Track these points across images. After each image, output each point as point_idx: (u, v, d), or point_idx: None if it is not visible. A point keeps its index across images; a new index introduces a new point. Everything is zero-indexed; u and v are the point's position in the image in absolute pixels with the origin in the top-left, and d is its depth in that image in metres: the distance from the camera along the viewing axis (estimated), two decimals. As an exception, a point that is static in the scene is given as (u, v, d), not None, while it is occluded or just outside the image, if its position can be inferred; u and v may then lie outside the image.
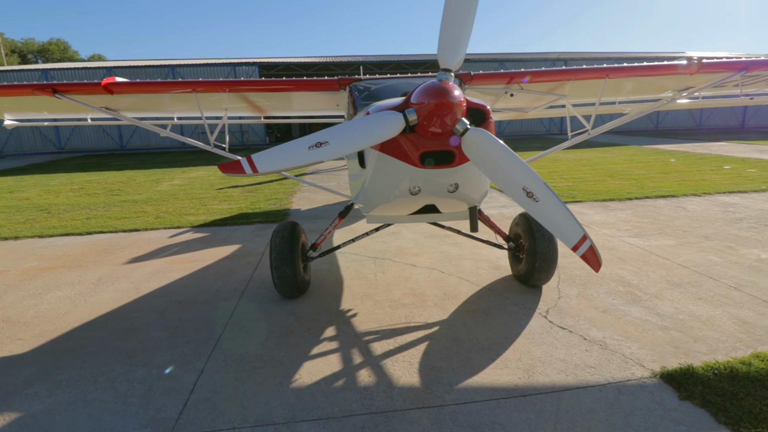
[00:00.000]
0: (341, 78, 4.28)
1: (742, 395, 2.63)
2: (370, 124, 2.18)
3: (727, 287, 4.28)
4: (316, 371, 3.06)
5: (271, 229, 6.87)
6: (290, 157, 2.31)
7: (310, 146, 2.25)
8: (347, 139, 2.20)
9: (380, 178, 2.65)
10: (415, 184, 2.60)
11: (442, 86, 2.05)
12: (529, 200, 2.26)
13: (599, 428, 2.45)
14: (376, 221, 3.66)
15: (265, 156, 2.37)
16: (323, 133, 2.31)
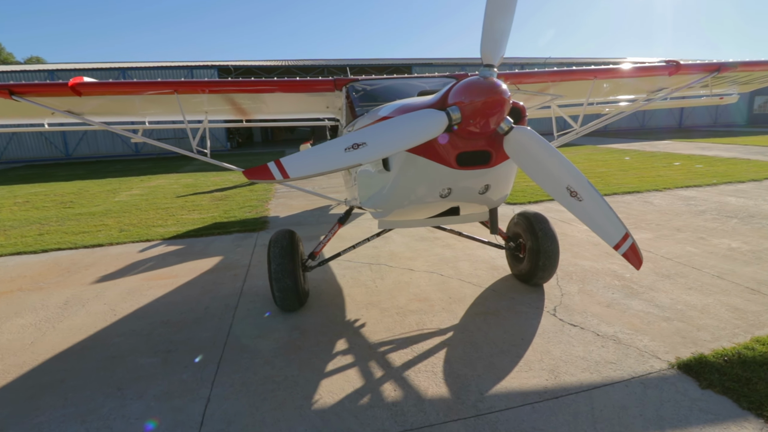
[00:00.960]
0: (337, 79, 4.11)
1: (756, 380, 2.74)
2: (412, 123, 2.06)
3: (711, 276, 4.52)
4: (336, 389, 2.87)
5: (252, 238, 6.57)
6: (324, 160, 2.13)
7: (346, 148, 2.09)
8: (388, 140, 2.05)
9: (409, 181, 2.52)
10: (448, 186, 2.50)
11: (492, 83, 1.97)
12: (573, 200, 2.23)
13: (636, 424, 2.45)
14: (388, 226, 3.52)
15: (296, 160, 2.17)
16: (359, 133, 2.15)
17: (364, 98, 4.02)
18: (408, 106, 2.36)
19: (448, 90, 2.16)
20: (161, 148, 23.57)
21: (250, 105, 4.75)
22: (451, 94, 2.08)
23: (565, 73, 4.45)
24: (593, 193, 2.23)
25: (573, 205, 2.24)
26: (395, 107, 2.49)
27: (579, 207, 2.23)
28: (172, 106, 4.60)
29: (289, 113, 5.65)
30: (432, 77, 4.22)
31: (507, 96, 1.97)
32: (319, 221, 7.73)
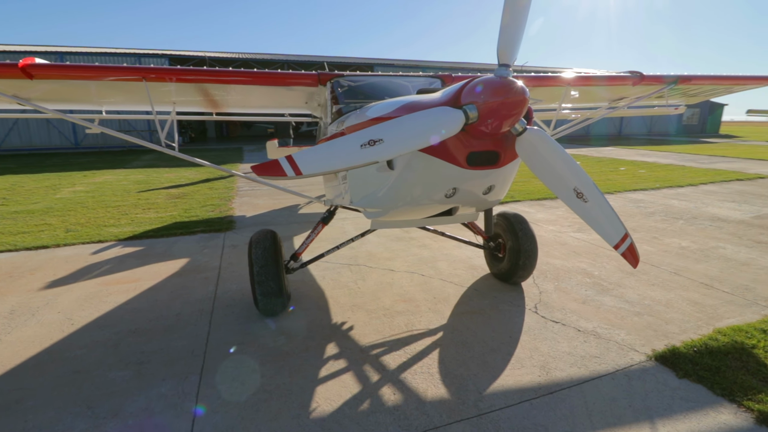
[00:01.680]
0: (322, 73, 3.97)
1: (724, 368, 2.98)
2: (430, 121, 2.01)
3: (669, 273, 4.88)
4: (333, 396, 2.77)
5: (218, 239, 6.24)
6: (339, 156, 2.03)
7: (362, 144, 2.00)
8: (405, 137, 1.99)
9: (415, 180, 2.47)
10: (455, 185, 2.49)
11: (514, 82, 1.97)
12: (579, 201, 2.29)
13: (626, 414, 2.58)
14: (381, 226, 3.45)
15: (308, 156, 2.04)
16: (375, 129, 2.07)
17: (349, 94, 3.93)
18: (415, 104, 2.32)
19: (461, 88, 2.15)
20: (104, 141, 21.90)
21: (223, 97, 4.48)
22: (466, 93, 2.07)
23: (542, 79, 4.61)
24: (598, 195, 2.32)
25: (578, 206, 2.31)
26: (399, 104, 2.43)
27: (584, 208, 2.30)
28: (136, 95, 4.22)
29: (264, 107, 5.41)
30: (417, 76, 4.21)
31: (528, 96, 1.99)
32: (289, 221, 7.49)
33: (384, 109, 2.64)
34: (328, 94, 3.93)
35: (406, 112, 2.31)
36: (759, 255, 5.45)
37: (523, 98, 1.95)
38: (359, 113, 3.04)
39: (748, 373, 2.92)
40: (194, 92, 4.17)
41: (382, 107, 2.73)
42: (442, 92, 2.31)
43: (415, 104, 2.31)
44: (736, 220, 7.34)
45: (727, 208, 8.31)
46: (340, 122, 3.45)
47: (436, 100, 2.23)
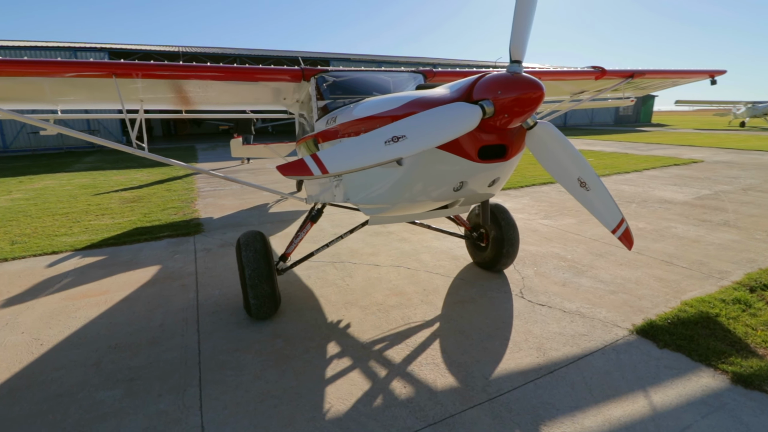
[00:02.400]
0: (306, 68, 3.86)
1: (697, 337, 3.28)
2: (450, 116, 2.02)
3: (633, 253, 5.27)
4: (344, 394, 2.74)
5: (188, 243, 5.93)
6: (364, 154, 1.99)
7: (386, 141, 1.97)
8: (427, 133, 1.98)
9: (425, 176, 2.48)
10: (464, 179, 2.52)
11: (531, 78, 2.02)
12: (582, 190, 2.41)
13: (622, 386, 2.77)
14: (380, 222, 3.43)
15: (334, 153, 1.98)
16: (398, 125, 2.05)
17: (335, 90, 3.86)
18: (426, 99, 2.32)
19: (472, 84, 2.18)
20: (37, 144, 19.94)
21: (197, 94, 4.22)
22: (480, 88, 2.10)
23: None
24: (598, 184, 2.45)
25: (581, 194, 2.43)
26: (407, 100, 2.42)
27: (586, 196, 2.43)
28: (101, 93, 3.88)
29: (238, 104, 5.16)
30: (399, 71, 4.21)
31: (544, 91, 2.07)
32: (261, 221, 7.25)
33: (388, 104, 2.61)
34: (312, 90, 3.84)
35: (418, 108, 2.31)
36: (706, 232, 6.02)
37: (541, 94, 2.02)
38: (355, 108, 3.00)
39: (717, 340, 3.24)
40: (166, 89, 3.90)
41: (385, 102, 2.70)
42: (451, 88, 2.33)
43: (425, 99, 2.32)
44: (680, 201, 8.05)
45: (670, 191, 9.08)
46: (330, 118, 3.38)
47: (448, 96, 2.24)
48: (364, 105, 2.96)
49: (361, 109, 2.86)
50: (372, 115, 2.67)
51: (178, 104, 4.71)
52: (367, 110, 2.78)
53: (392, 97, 2.63)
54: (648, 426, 2.42)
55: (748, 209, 7.27)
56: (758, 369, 2.85)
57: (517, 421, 2.47)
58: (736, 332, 3.34)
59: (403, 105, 2.42)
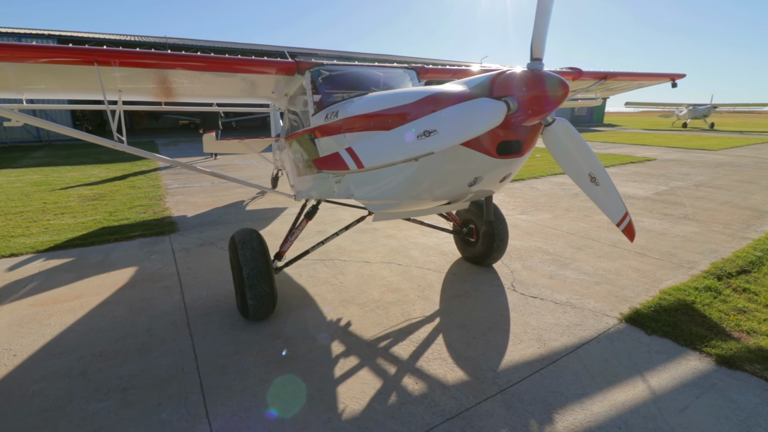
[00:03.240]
0: (301, 61, 3.73)
1: (680, 323, 3.51)
2: (478, 112, 2.01)
3: (608, 245, 5.55)
4: (357, 394, 2.70)
5: (164, 243, 5.63)
6: (398, 147, 1.94)
7: (418, 135, 1.94)
8: (457, 128, 1.97)
9: (442, 171, 2.46)
10: (480, 174, 2.53)
11: (556, 75, 2.06)
12: (592, 184, 2.50)
13: (621, 372, 2.92)
14: (385, 218, 3.39)
15: (369, 147, 1.92)
16: (428, 120, 2.01)
17: (332, 84, 3.77)
18: (444, 94, 2.31)
19: (493, 80, 2.20)
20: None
21: (182, 85, 3.97)
22: (502, 84, 2.12)
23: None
24: (607, 180, 2.55)
25: (591, 189, 2.52)
26: (424, 95, 2.40)
27: (595, 191, 2.53)
28: (75, 81, 3.55)
29: (222, 96, 4.91)
30: (392, 67, 4.17)
31: (570, 89, 2.11)
32: (239, 219, 6.99)
33: (403, 99, 2.56)
34: (307, 84, 3.72)
35: (438, 102, 2.30)
36: (670, 225, 6.45)
37: (567, 91, 2.07)
38: (361, 103, 2.94)
39: (697, 325, 3.48)
40: (149, 79, 3.64)
41: (399, 96, 2.65)
42: (468, 84, 2.33)
43: (445, 95, 2.31)
44: (642, 197, 8.58)
45: (631, 187, 9.65)
46: (330, 113, 3.30)
47: (467, 92, 2.25)
48: (372, 99, 2.91)
49: (370, 104, 2.81)
50: (385, 109, 2.63)
51: (159, 95, 4.42)
52: (377, 104, 2.73)
53: (407, 92, 2.60)
54: (650, 408, 2.56)
55: (703, 204, 7.87)
56: (737, 351, 3.09)
57: (530, 411, 2.54)
58: (712, 317, 3.60)
59: (420, 99, 2.40)
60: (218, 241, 5.76)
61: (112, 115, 3.61)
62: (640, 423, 2.45)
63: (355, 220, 4.19)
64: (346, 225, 4.12)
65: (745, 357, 3.02)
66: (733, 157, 15.07)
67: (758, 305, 3.82)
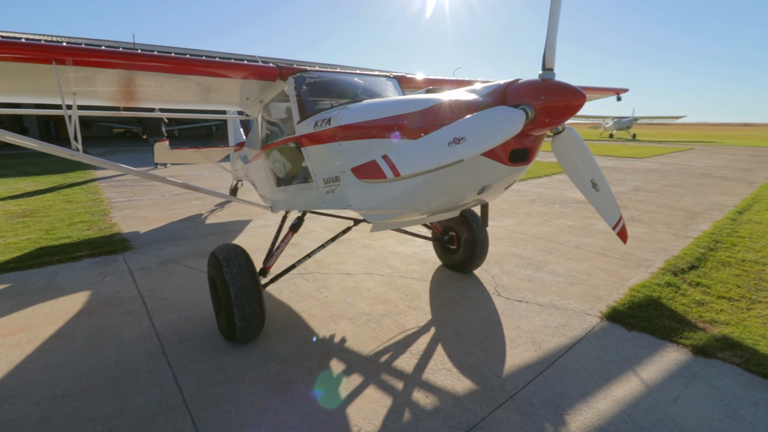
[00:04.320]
0: (284, 67, 3.56)
1: (653, 317, 3.77)
2: (501, 119, 2.00)
3: (573, 248, 5.88)
4: (369, 414, 2.58)
5: (119, 263, 5.12)
6: (432, 155, 1.87)
7: (448, 143, 1.89)
8: (484, 136, 1.94)
9: (455, 179, 2.43)
10: (491, 182, 2.54)
11: (573, 86, 2.11)
12: (593, 190, 2.60)
13: (614, 368, 3.06)
14: (382, 228, 3.30)
15: (404, 155, 1.83)
16: (456, 127, 1.97)
17: (316, 91, 3.65)
18: (459, 102, 2.30)
19: (505, 89, 2.22)
20: None
21: (148, 88, 3.61)
22: (519, 93, 2.14)
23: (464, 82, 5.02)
24: (606, 186, 2.68)
25: (592, 194, 2.63)
26: (437, 101, 2.37)
27: (595, 196, 2.64)
28: (24, 82, 3.10)
29: (189, 102, 4.53)
30: (375, 75, 4.13)
31: (586, 98, 2.18)
32: (200, 233, 6.53)
33: (411, 106, 2.52)
34: (291, 90, 3.57)
35: (451, 110, 2.29)
36: (621, 227, 6.97)
37: (583, 101, 2.14)
38: (360, 110, 2.86)
39: (668, 319, 3.76)
40: (114, 81, 3.27)
41: (405, 104, 2.60)
42: (479, 93, 2.34)
43: (457, 103, 2.30)
44: (591, 201, 9.22)
45: (579, 193, 10.34)
46: (321, 120, 3.18)
47: (481, 100, 2.25)
48: (374, 105, 2.83)
49: (373, 110, 2.75)
50: (390, 116, 2.58)
51: (118, 99, 4.00)
52: (381, 111, 2.67)
53: (414, 99, 2.56)
54: (648, 401, 2.70)
55: (644, 207, 8.62)
56: (707, 340, 3.37)
57: (543, 415, 2.57)
58: (678, 311, 3.91)
59: (431, 107, 2.38)
60: (181, 258, 5.32)
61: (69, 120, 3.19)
62: (642, 416, 2.57)
63: (342, 230, 4.06)
64: (332, 237, 3.97)
65: (715, 346, 3.30)
66: (658, 164, 16.76)
67: (712, 297, 4.21)
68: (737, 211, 8.01)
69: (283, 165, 4.02)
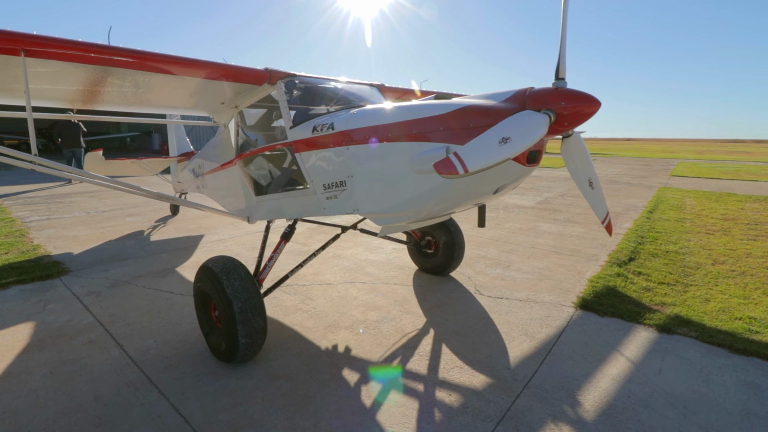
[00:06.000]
0: (273, 70, 3.42)
1: (618, 303, 4.23)
2: (534, 123, 2.13)
3: (529, 248, 6.36)
4: (402, 419, 2.54)
5: (59, 289, 4.50)
6: (489, 153, 1.92)
7: (499, 141, 1.96)
8: (524, 137, 2.05)
9: (477, 180, 2.51)
10: (508, 182, 2.66)
11: (590, 94, 2.31)
12: (589, 188, 2.85)
13: (600, 350, 3.37)
14: (391, 232, 3.27)
15: (470, 152, 1.86)
16: (502, 127, 2.05)
17: (307, 97, 3.58)
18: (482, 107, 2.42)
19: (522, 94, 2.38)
20: None
21: (114, 89, 3.19)
22: (540, 99, 2.30)
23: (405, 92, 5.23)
24: (598, 185, 2.97)
25: (589, 192, 2.90)
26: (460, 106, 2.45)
27: (591, 194, 2.91)
28: None
29: (154, 105, 4.04)
30: (360, 83, 4.15)
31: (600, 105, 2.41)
32: (149, 251, 5.90)
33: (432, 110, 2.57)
34: (280, 95, 3.44)
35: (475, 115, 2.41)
36: (563, 228, 7.72)
37: (598, 107, 2.37)
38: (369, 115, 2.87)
39: (628, 303, 4.24)
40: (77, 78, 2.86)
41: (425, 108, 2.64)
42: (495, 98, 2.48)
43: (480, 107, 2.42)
44: (529, 206, 10.06)
45: (517, 199, 11.23)
46: (321, 125, 3.12)
47: (503, 106, 2.39)
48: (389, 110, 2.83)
49: (389, 115, 2.77)
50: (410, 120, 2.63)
51: (73, 101, 3.47)
52: (398, 116, 2.71)
53: (435, 104, 2.62)
54: (638, 375, 3.03)
55: (574, 209, 9.63)
56: (665, 320, 3.87)
57: (558, 398, 2.75)
58: (633, 296, 4.43)
59: (454, 111, 2.47)
60: (136, 279, 4.77)
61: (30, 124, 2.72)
62: (639, 389, 2.87)
63: (332, 237, 3.98)
64: (322, 245, 3.87)
65: (673, 323, 3.81)
66: (572, 173, 18.79)
67: (654, 283, 4.84)
68: (648, 210, 9.30)
69: (268, 172, 3.85)
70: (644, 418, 2.60)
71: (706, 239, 6.83)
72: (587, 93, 2.32)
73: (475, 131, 2.41)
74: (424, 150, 2.55)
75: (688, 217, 8.67)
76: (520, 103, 2.39)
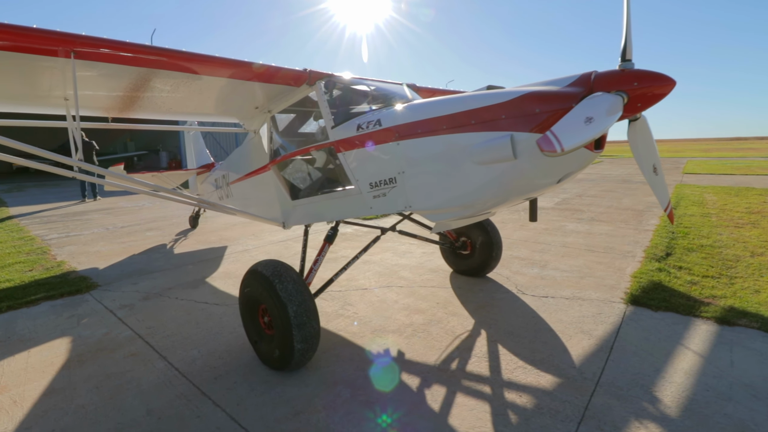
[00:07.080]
0: (312, 71, 3.36)
1: (668, 298, 4.07)
2: (611, 104, 2.04)
3: (561, 247, 6.23)
4: (476, 422, 2.40)
5: (90, 303, 4.41)
6: (578, 132, 1.84)
7: (584, 121, 1.88)
8: (604, 117, 1.96)
9: (541, 167, 2.42)
10: (574, 169, 2.56)
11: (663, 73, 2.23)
12: (653, 175, 2.75)
13: (664, 344, 3.21)
14: (444, 228, 3.16)
15: (562, 131, 1.77)
16: (583, 107, 1.97)
17: (348, 96, 3.52)
18: (545, 92, 2.33)
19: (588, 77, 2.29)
20: None
21: (154, 93, 3.13)
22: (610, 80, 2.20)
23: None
24: (661, 171, 2.86)
25: (653, 178, 2.79)
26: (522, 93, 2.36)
27: (655, 180, 2.80)
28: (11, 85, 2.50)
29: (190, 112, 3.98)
30: (393, 83, 4.09)
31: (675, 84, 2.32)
32: (175, 264, 5.80)
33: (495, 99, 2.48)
34: (320, 96, 3.37)
35: (537, 100, 2.32)
36: (589, 227, 7.58)
37: (673, 85, 2.28)
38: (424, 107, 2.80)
39: (678, 297, 4.09)
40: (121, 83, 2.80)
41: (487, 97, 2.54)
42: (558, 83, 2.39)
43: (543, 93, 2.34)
44: (549, 207, 9.94)
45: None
46: (367, 122, 3.04)
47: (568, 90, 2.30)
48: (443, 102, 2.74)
49: (439, 108, 2.69)
50: (467, 110, 2.55)
51: (110, 108, 3.41)
52: (452, 107, 2.63)
53: (495, 92, 2.54)
54: (711, 368, 2.87)
55: (596, 208, 9.49)
56: (721, 312, 3.71)
57: (635, 395, 2.60)
58: (681, 291, 4.28)
59: (518, 97, 2.39)
60: (167, 291, 4.66)
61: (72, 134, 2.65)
62: (715, 382, 2.72)
63: (372, 239, 3.87)
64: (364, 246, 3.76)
65: (731, 315, 3.65)
66: (583, 174, 18.68)
67: (699, 277, 4.69)
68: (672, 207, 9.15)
69: (307, 175, 3.77)
70: (730, 411, 2.44)
71: (737, 232, 6.67)
72: (660, 72, 2.23)
73: (542, 117, 2.32)
74: (487, 139, 2.46)
75: (713, 211, 8.52)
76: (587, 86, 2.30)
